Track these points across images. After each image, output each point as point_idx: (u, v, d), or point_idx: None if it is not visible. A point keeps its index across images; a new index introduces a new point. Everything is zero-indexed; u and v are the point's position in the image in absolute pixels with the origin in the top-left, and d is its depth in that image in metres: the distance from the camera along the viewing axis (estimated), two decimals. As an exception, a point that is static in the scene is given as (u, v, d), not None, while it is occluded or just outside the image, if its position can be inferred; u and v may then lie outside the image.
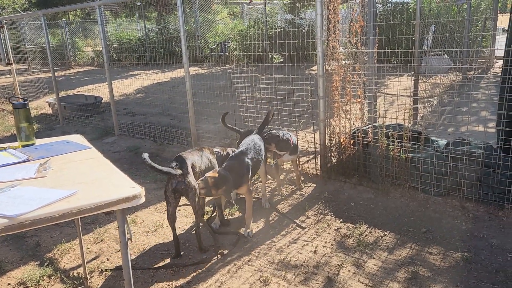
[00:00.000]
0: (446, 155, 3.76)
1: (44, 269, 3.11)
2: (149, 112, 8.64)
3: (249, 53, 7.96)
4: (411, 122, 4.32)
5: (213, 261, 3.14)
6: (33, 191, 1.68)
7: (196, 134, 5.81)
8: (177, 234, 3.28)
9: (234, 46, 13.29)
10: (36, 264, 3.20)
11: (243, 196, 3.54)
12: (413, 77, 5.39)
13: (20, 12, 15.14)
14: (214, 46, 14.26)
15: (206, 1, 16.65)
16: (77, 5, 8.83)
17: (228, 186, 3.26)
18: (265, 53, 10.14)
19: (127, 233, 1.71)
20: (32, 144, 2.53)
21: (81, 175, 1.93)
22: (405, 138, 3.89)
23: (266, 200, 4.05)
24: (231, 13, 19.64)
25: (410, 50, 4.58)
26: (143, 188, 1.72)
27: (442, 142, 4.11)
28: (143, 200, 1.68)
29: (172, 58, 7.46)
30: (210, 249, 3.28)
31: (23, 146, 2.49)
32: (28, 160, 2.18)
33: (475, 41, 8.97)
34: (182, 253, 3.25)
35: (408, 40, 5.16)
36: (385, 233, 3.41)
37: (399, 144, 3.93)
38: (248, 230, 3.49)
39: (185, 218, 3.90)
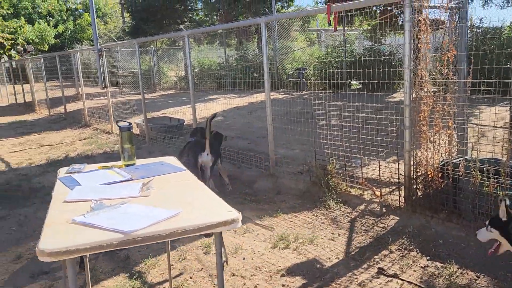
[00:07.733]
0: (551, 195, 3.41)
1: (133, 281, 3.31)
2: (227, 135, 8.92)
3: (326, 80, 7.97)
4: (507, 157, 3.98)
5: (292, 289, 3.11)
6: (141, 209, 1.82)
7: (275, 159, 5.88)
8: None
9: (311, 72, 13.39)
10: (126, 276, 3.41)
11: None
12: (509, 108, 5.00)
13: (115, 41, 16.72)
14: (291, 72, 14.48)
15: (285, 29, 17.06)
16: (167, 35, 9.57)
17: None
18: (343, 80, 10.09)
19: (223, 255, 1.76)
20: (133, 164, 2.73)
21: (180, 196, 2.04)
22: (503, 174, 3.61)
23: None
24: (309, 39, 19.89)
25: (510, 81, 4.26)
26: (240, 213, 1.78)
27: (546, 180, 3.73)
28: (240, 225, 1.73)
29: (250, 84, 7.69)
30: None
31: (126, 165, 2.71)
32: (132, 179, 2.37)
33: None
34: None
35: (500, 69, 4.82)
36: (479, 275, 3.14)
37: (496, 180, 3.64)
38: None
39: (264, 243, 3.92)
